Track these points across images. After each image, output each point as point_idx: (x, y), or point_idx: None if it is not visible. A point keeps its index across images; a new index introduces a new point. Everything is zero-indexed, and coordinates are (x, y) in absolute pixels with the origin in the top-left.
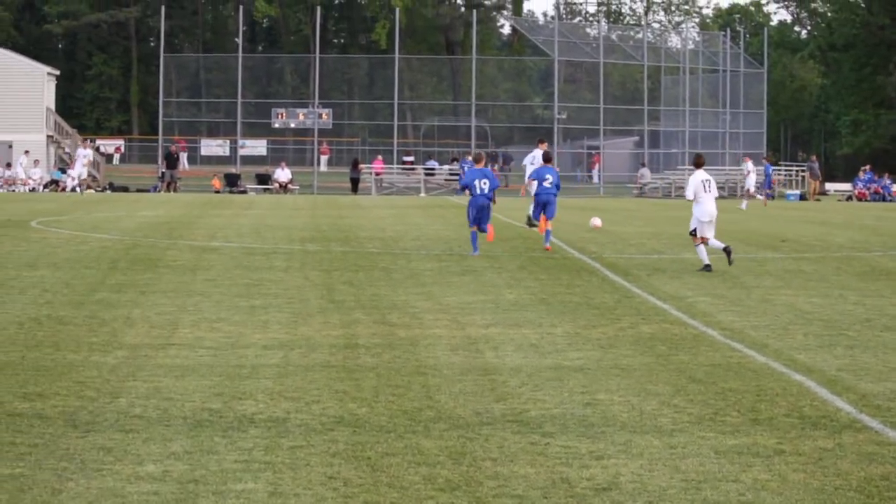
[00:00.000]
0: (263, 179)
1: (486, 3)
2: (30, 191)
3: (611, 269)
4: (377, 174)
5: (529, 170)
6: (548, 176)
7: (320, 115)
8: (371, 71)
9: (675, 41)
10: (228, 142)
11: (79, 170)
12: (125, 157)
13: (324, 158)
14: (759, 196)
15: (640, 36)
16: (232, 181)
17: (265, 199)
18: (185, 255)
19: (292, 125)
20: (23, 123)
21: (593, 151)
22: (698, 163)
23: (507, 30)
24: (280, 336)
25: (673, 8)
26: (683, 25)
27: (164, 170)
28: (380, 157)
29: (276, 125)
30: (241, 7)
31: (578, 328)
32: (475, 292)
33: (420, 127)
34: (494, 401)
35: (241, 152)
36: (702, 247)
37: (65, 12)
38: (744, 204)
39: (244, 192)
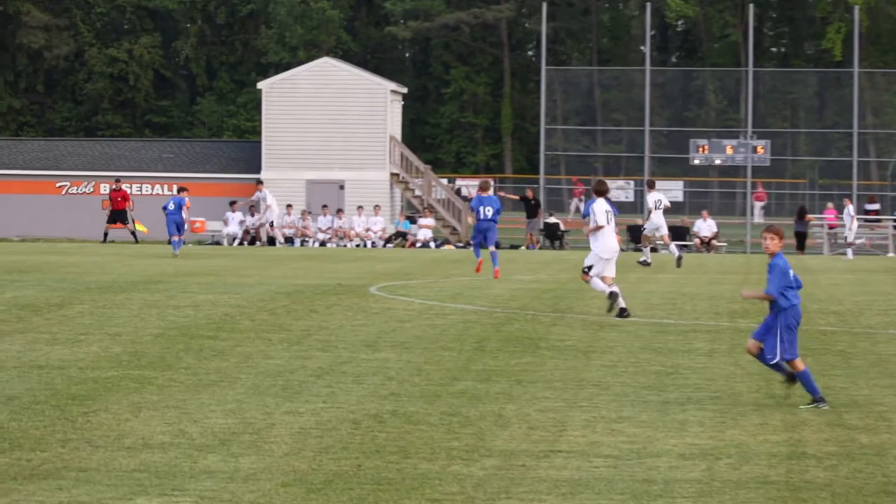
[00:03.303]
0: (679, 233)
1: None
2: (370, 245)
3: None
4: (831, 227)
5: None
6: None
7: (754, 149)
8: (821, 90)
9: None
10: (632, 183)
11: (269, 216)
12: None
13: (758, 205)
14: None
15: None
16: (637, 235)
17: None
18: (576, 333)
19: (717, 161)
20: (359, 158)
21: None
22: (600, 190)
23: None
24: (702, 441)
25: None
26: None
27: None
28: (830, 205)
29: (696, 161)
30: (647, 5)
31: None
32: None
33: (888, 165)
34: None
35: None
36: (597, 280)
37: (413, 10)
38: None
39: (653, 249)
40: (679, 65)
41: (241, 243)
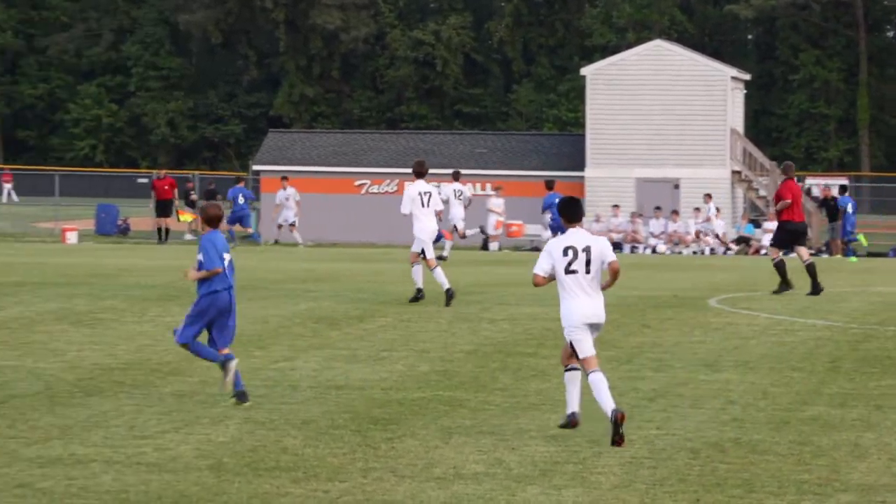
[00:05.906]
0: None
1: None
2: (708, 252)
3: None
4: None
5: None
6: None
7: None
8: None
9: None
10: None
11: (285, 214)
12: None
13: None
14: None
15: None
16: None
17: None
18: None
19: None
20: (695, 153)
21: None
22: (419, 171)
23: None
24: None
25: None
26: None
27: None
28: None
29: None
30: None
31: None
32: None
33: None
34: None
35: None
36: (419, 267)
37: None
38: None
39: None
40: None
41: None
